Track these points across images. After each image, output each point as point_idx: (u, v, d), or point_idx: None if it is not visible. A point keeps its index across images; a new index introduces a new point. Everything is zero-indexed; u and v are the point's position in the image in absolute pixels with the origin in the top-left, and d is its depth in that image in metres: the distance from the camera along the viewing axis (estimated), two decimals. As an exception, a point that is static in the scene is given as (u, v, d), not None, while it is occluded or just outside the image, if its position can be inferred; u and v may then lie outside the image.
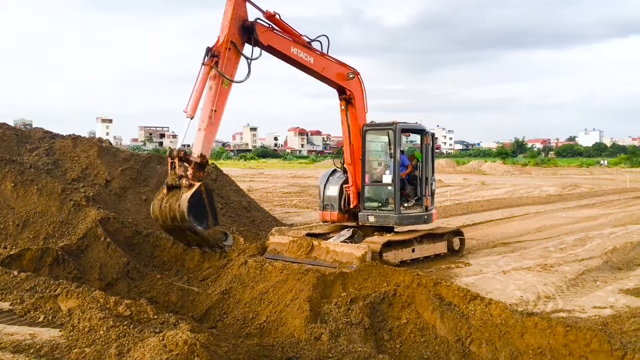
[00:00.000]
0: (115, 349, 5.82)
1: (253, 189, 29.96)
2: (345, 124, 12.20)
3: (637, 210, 23.51)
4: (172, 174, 7.18)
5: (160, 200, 7.07)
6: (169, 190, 7.17)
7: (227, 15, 8.90)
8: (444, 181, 39.06)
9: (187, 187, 6.99)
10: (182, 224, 7.10)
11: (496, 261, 12.52)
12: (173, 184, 7.12)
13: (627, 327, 7.65)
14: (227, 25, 8.83)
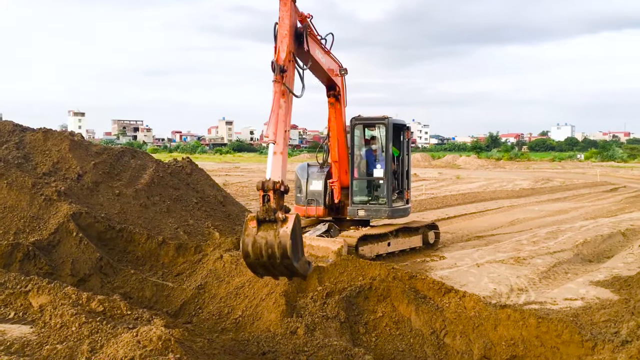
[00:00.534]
0: (88, 345, 5.74)
1: (229, 183, 29.79)
2: (333, 120, 12.08)
3: (607, 203, 23.99)
4: (265, 208, 6.31)
5: (253, 236, 6.26)
6: (259, 225, 6.33)
7: (284, 23, 7.86)
8: (419, 175, 39.35)
9: (283, 221, 6.24)
10: (282, 261, 6.36)
11: (470, 254, 12.65)
12: (266, 217, 6.31)
13: (597, 318, 7.80)
14: (287, 34, 7.78)
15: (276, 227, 6.28)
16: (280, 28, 7.79)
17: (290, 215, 6.36)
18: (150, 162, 15.93)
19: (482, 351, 7.11)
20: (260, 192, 6.43)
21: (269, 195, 6.38)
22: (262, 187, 6.42)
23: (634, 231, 15.67)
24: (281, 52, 7.64)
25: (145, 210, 13.32)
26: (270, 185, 6.40)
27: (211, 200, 16.10)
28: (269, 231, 6.29)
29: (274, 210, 6.30)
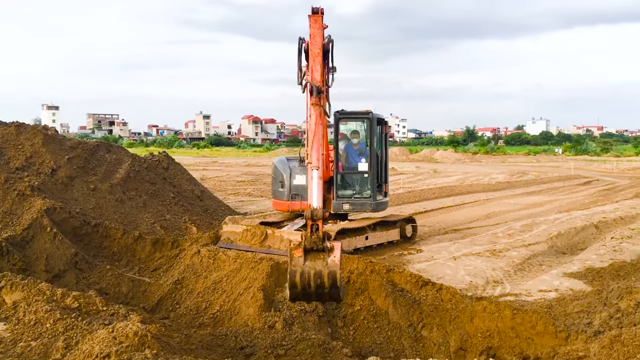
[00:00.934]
0: (63, 342, 5.68)
1: (206, 178, 29.60)
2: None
3: (581, 196, 24.39)
4: (314, 238, 6.09)
5: (300, 267, 6.03)
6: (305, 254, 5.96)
7: (316, 41, 7.34)
8: (397, 169, 39.54)
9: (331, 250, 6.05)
10: (330, 290, 6.15)
11: (447, 247, 12.77)
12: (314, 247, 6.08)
13: (571, 309, 7.94)
14: (319, 52, 7.28)
15: (324, 257, 6.09)
16: (312, 46, 7.32)
17: (335, 243, 6.18)
18: (125, 157, 15.78)
19: (458, 343, 7.20)
20: (309, 222, 6.13)
21: (318, 225, 6.12)
22: (312, 216, 6.13)
23: (606, 224, 15.96)
24: (315, 73, 7.18)
25: (121, 205, 13.20)
26: (320, 214, 6.17)
27: (188, 195, 16.02)
28: (316, 261, 6.09)
29: (322, 239, 6.10)
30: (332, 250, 6.06)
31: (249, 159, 59.40)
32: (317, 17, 7.41)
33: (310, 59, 7.25)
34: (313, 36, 7.34)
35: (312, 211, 6.13)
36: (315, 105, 7.02)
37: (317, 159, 6.65)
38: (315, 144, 6.74)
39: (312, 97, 7.01)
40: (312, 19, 7.40)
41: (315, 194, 6.38)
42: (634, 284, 8.77)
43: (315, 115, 6.99)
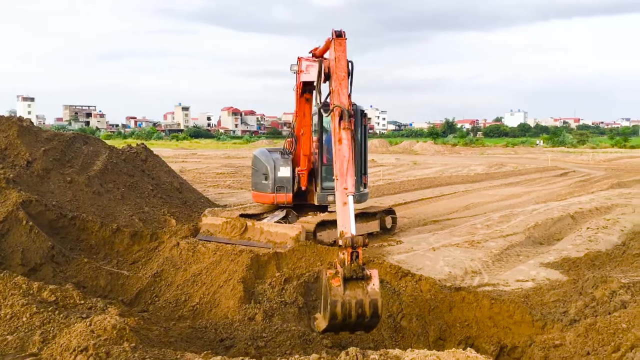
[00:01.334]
0: (40, 335, 5.60)
1: (185, 170, 29.39)
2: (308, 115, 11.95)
3: (558, 188, 24.73)
4: (354, 266, 5.87)
5: (341, 296, 5.76)
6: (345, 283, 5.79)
7: (341, 65, 7.19)
8: (377, 161, 39.66)
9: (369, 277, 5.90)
10: (371, 320, 5.98)
11: (426, 238, 12.86)
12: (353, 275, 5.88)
13: (547, 299, 8.06)
14: (345, 75, 7.14)
15: (364, 285, 5.87)
16: (338, 70, 7.17)
17: (373, 271, 5.97)
18: (103, 149, 15.59)
19: (437, 333, 7.26)
20: (349, 250, 5.86)
21: (358, 252, 5.89)
22: (352, 244, 5.87)
23: (582, 214, 16.21)
24: (342, 97, 6.99)
25: (98, 197, 13.05)
26: (360, 241, 5.91)
27: (167, 187, 15.90)
28: (356, 290, 5.87)
29: (362, 267, 5.88)
30: (370, 277, 5.88)
31: (228, 150, 59.09)
32: (341, 40, 7.32)
33: (335, 83, 7.10)
34: (338, 59, 7.22)
35: (351, 238, 5.88)
36: (347, 129, 6.75)
37: (352, 185, 6.40)
38: (350, 170, 6.46)
39: (344, 122, 6.76)
40: (337, 42, 7.29)
41: (352, 221, 6.17)
42: (609, 273, 8.93)
43: (348, 139, 6.71)
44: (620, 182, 25.75)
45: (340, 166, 6.48)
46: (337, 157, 6.60)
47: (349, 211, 6.19)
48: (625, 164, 40.94)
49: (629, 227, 14.16)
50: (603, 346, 5.56)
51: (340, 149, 6.59)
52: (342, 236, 6.02)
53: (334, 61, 7.21)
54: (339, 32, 7.40)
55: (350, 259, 5.83)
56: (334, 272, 5.86)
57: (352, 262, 5.82)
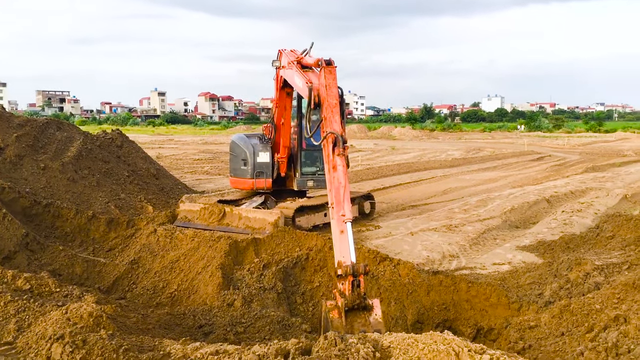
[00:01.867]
0: (15, 324, 5.52)
1: (162, 156, 29.10)
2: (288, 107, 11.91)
3: (534, 172, 25.04)
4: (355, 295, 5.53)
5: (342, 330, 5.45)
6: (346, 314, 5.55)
7: (333, 92, 7.12)
8: (355, 147, 39.69)
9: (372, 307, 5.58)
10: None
11: (405, 223, 12.94)
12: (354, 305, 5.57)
13: (523, 281, 8.18)
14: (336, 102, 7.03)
15: (366, 316, 5.63)
16: (329, 98, 7.05)
17: (375, 301, 5.74)
18: (77, 134, 15.35)
19: (415, 316, 7.32)
20: (350, 278, 5.62)
21: (360, 281, 5.65)
22: (353, 272, 5.64)
23: (557, 198, 16.45)
24: (335, 124, 6.87)
25: (73, 184, 12.86)
26: (362, 269, 5.70)
27: (143, 174, 15.73)
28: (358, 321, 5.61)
29: (364, 297, 5.66)
30: (372, 308, 5.65)
31: (206, 136, 58.63)
32: (332, 68, 7.26)
33: (326, 111, 6.99)
34: (329, 87, 7.14)
35: (352, 266, 5.67)
36: (341, 156, 6.61)
37: (350, 211, 6.25)
38: (346, 197, 6.30)
39: (338, 148, 6.62)
40: (327, 70, 7.21)
41: (352, 248, 5.94)
42: (583, 255, 9.08)
43: (343, 165, 6.58)
44: (594, 166, 26.17)
45: (336, 193, 6.30)
46: (331, 184, 6.43)
47: (347, 239, 5.99)
48: (600, 148, 41.60)
49: (603, 210, 14.42)
50: (577, 327, 5.66)
51: (335, 176, 6.43)
52: (341, 266, 5.78)
53: (325, 88, 7.11)
54: (329, 60, 7.36)
55: (352, 288, 5.60)
56: (333, 304, 5.66)
57: (354, 291, 5.59)
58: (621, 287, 6.07)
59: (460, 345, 4.09)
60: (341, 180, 6.38)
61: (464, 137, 62.00)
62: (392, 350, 4.25)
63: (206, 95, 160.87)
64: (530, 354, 5.59)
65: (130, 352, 4.60)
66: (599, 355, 4.77)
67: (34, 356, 4.82)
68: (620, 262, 8.02)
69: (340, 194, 6.28)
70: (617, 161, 29.13)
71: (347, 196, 6.28)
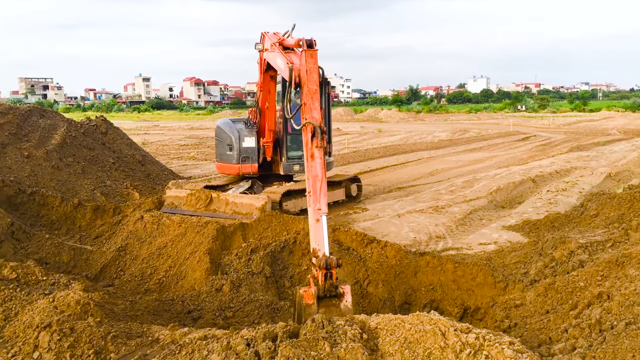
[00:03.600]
0: (1, 313, 5.51)
1: (148, 142, 28.90)
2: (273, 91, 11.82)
3: (519, 152, 25.20)
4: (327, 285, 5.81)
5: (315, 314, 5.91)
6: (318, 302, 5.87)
7: (313, 77, 6.73)
8: (342, 130, 39.65)
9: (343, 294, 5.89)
10: None
11: (392, 205, 12.99)
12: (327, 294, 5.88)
13: (509, 261, 8.26)
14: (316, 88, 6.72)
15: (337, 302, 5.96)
16: (309, 83, 6.68)
17: (346, 287, 5.98)
18: (61, 122, 15.19)
19: (403, 297, 7.40)
20: (323, 271, 5.86)
21: (332, 273, 5.89)
22: (326, 265, 5.86)
23: (542, 177, 16.59)
24: (315, 111, 6.57)
25: (57, 172, 12.75)
26: (334, 262, 5.90)
27: (129, 160, 15.62)
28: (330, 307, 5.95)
29: (336, 286, 5.91)
30: (343, 294, 5.92)
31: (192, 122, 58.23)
32: (312, 52, 6.81)
33: (306, 97, 6.68)
34: (310, 72, 6.72)
35: (325, 260, 5.87)
36: (319, 147, 6.43)
37: (325, 205, 6.27)
38: (323, 190, 6.29)
39: (316, 140, 6.43)
40: (308, 53, 6.77)
41: (326, 241, 6.11)
42: (567, 234, 9.18)
43: (321, 157, 6.41)
44: (579, 146, 26.39)
45: (313, 184, 6.30)
46: (309, 172, 6.39)
47: (322, 230, 6.12)
48: (585, 127, 41.90)
49: (587, 189, 14.57)
50: (562, 304, 5.74)
51: (313, 166, 6.36)
52: (315, 254, 6.01)
53: (306, 74, 6.75)
54: (310, 41, 6.91)
55: (324, 279, 5.83)
56: (307, 290, 5.87)
57: (326, 281, 5.83)
58: (605, 264, 6.16)
59: (447, 325, 4.14)
60: (318, 172, 6.35)
61: (450, 118, 62.11)
62: (379, 332, 4.30)
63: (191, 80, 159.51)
64: (515, 332, 5.67)
65: (118, 339, 4.61)
66: (583, 331, 4.85)
67: (22, 345, 4.81)
68: (604, 240, 8.12)
69: (317, 186, 6.29)
70: (602, 140, 29.38)
71: (324, 189, 6.28)
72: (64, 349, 4.54)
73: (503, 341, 3.95)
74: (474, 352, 3.88)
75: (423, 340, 4.06)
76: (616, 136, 32.55)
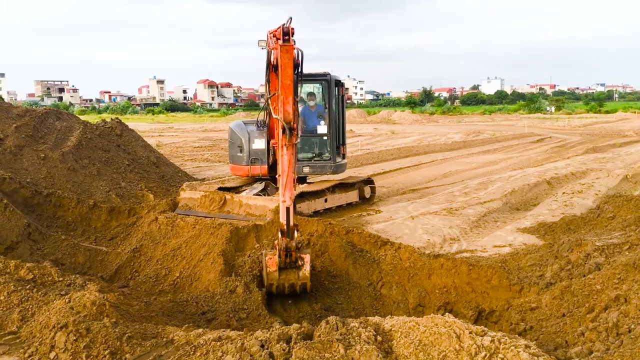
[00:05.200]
0: (18, 314, 5.57)
1: (162, 144, 29.08)
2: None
3: (534, 154, 25.01)
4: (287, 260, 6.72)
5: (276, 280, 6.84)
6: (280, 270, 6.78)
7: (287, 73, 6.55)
8: (355, 131, 39.62)
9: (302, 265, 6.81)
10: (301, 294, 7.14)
11: (405, 207, 12.95)
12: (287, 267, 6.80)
13: (524, 263, 8.19)
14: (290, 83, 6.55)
15: (296, 271, 6.79)
16: (283, 78, 6.47)
17: (306, 257, 6.77)
18: (77, 124, 15.33)
19: (417, 300, 7.36)
20: (283, 254, 6.65)
21: (291, 254, 6.67)
22: (286, 248, 6.62)
23: (558, 179, 16.44)
24: (287, 105, 6.44)
25: (73, 173, 12.86)
26: (293, 247, 6.66)
27: (144, 162, 15.72)
28: (290, 274, 6.81)
29: (295, 260, 6.71)
30: (303, 264, 6.71)
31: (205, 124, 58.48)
32: (288, 47, 6.51)
33: (280, 90, 6.54)
34: (284, 67, 6.51)
35: (286, 245, 6.62)
36: (288, 146, 6.48)
37: (290, 198, 6.78)
38: (289, 184, 6.71)
39: (284, 137, 6.44)
40: (283, 49, 6.49)
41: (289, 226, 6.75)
42: (583, 236, 9.09)
43: (289, 155, 6.54)
44: (595, 147, 26.13)
45: (281, 178, 6.80)
46: (280, 165, 6.80)
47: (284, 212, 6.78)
48: (600, 129, 41.49)
49: (604, 191, 14.42)
50: (578, 307, 5.69)
51: (281, 161, 6.76)
52: (282, 227, 6.76)
53: (280, 69, 6.55)
54: (287, 30, 6.50)
55: (285, 256, 6.63)
56: (272, 257, 6.70)
57: (286, 259, 6.65)
58: (622, 267, 6.09)
59: (462, 327, 4.12)
60: (285, 168, 6.70)
61: (464, 120, 61.81)
62: (393, 334, 4.28)
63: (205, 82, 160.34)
64: (531, 335, 5.63)
65: (133, 340, 4.64)
66: (600, 335, 4.80)
67: (38, 345, 4.86)
68: (621, 243, 8.02)
69: (283, 180, 6.75)
70: (618, 142, 29.06)
71: (290, 182, 6.71)
72: (80, 350, 4.58)
73: (519, 344, 3.92)
74: (489, 355, 3.85)
75: (438, 342, 4.04)
76: (632, 138, 32.18)
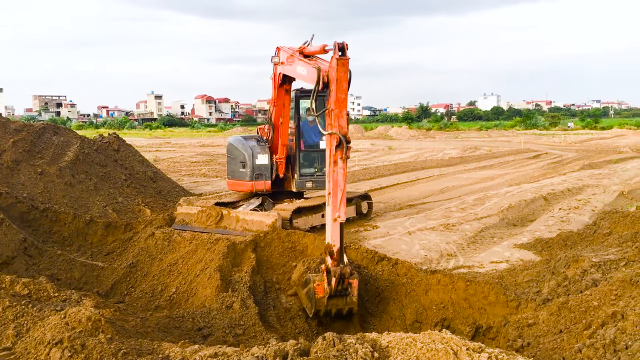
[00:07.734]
0: (13, 329, 5.52)
1: (160, 159, 29.08)
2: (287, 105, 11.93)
3: (531, 170, 25.08)
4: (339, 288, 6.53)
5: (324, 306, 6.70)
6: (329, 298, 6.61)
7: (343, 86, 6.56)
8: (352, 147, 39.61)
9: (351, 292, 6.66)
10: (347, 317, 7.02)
11: (402, 223, 12.95)
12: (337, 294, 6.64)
13: (521, 279, 8.19)
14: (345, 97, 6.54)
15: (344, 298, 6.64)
16: (338, 92, 6.48)
17: (354, 282, 6.58)
18: (74, 139, 15.34)
19: (414, 316, 7.33)
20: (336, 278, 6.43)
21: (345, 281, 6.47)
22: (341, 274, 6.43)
23: (554, 195, 16.47)
24: (342, 120, 6.42)
25: (70, 188, 12.85)
26: (348, 274, 6.47)
27: (141, 177, 15.72)
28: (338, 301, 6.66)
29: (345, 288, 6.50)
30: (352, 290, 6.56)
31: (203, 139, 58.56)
32: (344, 61, 6.56)
33: (334, 104, 6.53)
34: (340, 81, 6.54)
35: (341, 269, 6.43)
36: (343, 159, 6.47)
37: (344, 213, 6.63)
38: (344, 199, 6.57)
39: (340, 151, 6.42)
40: (340, 62, 6.53)
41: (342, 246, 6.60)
42: (580, 252, 9.10)
43: (344, 169, 6.48)
44: (591, 163, 26.22)
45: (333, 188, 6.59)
46: (330, 177, 6.62)
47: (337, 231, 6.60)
48: (596, 145, 41.67)
49: (600, 207, 14.45)
50: (575, 324, 5.68)
51: (335, 171, 6.58)
52: (330, 248, 6.55)
53: (335, 82, 6.57)
54: (342, 46, 6.57)
55: (337, 284, 6.38)
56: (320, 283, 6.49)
57: (338, 286, 6.41)
58: (618, 283, 6.09)
59: (459, 344, 4.10)
60: (340, 183, 6.53)
61: (461, 136, 62.00)
62: (390, 350, 4.26)
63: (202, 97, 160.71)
64: (528, 351, 5.61)
65: (129, 356, 4.61)
66: (597, 352, 4.79)
67: (33, 361, 4.82)
68: (618, 259, 8.03)
69: (337, 193, 6.56)
70: (614, 158, 29.18)
71: (344, 199, 6.60)
72: (74, 366, 4.54)
73: (516, 361, 3.90)
74: (486, 371, 3.84)
75: (435, 359, 4.02)
76: (628, 154, 32.31)
